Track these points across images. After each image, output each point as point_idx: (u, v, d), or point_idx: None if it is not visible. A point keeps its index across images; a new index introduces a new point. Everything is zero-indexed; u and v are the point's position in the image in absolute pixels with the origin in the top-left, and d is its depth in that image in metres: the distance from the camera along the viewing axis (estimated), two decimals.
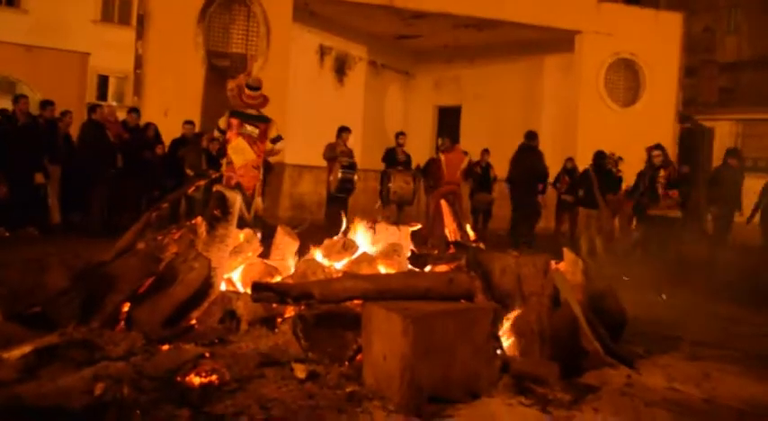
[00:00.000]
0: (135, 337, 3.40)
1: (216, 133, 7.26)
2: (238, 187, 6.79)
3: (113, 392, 2.70)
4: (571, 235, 10.54)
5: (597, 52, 14.16)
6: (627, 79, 14.60)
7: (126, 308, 3.72)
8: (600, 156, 10.38)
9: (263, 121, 7.17)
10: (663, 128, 13.81)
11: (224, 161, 7.11)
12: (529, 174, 10.28)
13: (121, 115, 10.78)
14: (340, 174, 10.05)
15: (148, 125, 10.27)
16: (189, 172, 9.88)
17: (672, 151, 12.83)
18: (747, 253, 10.05)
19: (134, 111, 10.54)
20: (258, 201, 7.15)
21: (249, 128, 7.02)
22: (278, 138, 7.30)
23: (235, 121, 7.04)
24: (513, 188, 10.51)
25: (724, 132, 19.99)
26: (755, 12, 25.17)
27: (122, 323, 3.67)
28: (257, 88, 7.23)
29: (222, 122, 7.13)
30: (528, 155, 10.29)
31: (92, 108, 10.04)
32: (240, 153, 7.02)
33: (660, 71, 14.43)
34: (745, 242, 10.59)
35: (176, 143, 10.36)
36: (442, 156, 10.27)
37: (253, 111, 7.15)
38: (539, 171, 10.46)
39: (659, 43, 14.41)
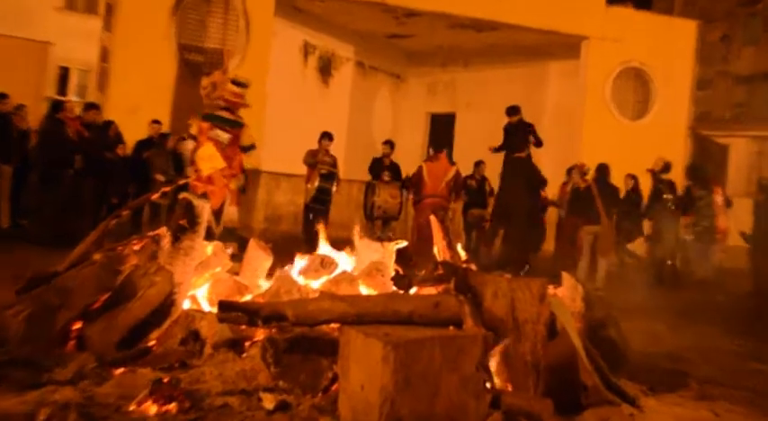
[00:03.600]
0: (86, 359, 3.37)
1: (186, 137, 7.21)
2: (205, 197, 6.74)
3: (59, 420, 2.65)
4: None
5: (604, 60, 14.29)
6: (636, 90, 14.73)
7: (77, 325, 3.67)
8: (603, 170, 10.48)
9: (236, 126, 7.08)
10: (673, 143, 13.93)
11: (191, 169, 7.05)
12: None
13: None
14: (317, 183, 10.05)
15: (109, 123, 10.21)
16: (158, 177, 9.84)
17: (682, 167, 12.91)
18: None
19: (94, 106, 10.46)
20: (231, 211, 7.07)
21: (219, 132, 6.95)
22: (250, 147, 7.20)
23: (205, 125, 6.97)
24: None
25: (740, 150, 20.20)
26: None
27: (73, 342, 3.63)
28: (244, 86, 7.16)
29: (194, 129, 7.07)
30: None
31: (55, 105, 9.98)
32: (208, 160, 6.95)
33: (672, 82, 14.58)
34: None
35: (141, 144, 10.31)
36: (425, 166, 10.19)
37: (226, 114, 7.07)
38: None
39: (671, 52, 14.58)
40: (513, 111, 10.78)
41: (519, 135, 10.52)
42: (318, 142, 10.57)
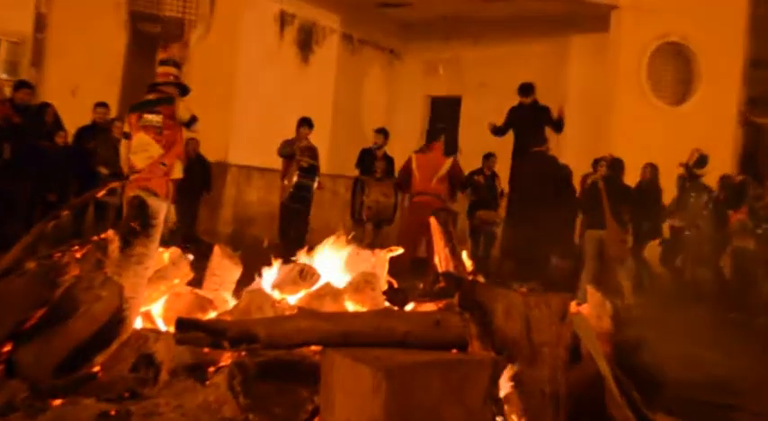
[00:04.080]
0: (16, 387, 3.36)
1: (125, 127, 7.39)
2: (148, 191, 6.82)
3: None
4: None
5: (639, 34, 14.32)
6: (677, 70, 14.75)
7: (7, 347, 3.67)
8: (616, 166, 10.54)
9: (163, 103, 7.17)
10: (721, 132, 13.96)
11: (126, 166, 7.14)
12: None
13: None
14: (295, 179, 10.05)
15: (45, 106, 10.19)
16: (102, 170, 9.83)
17: (731, 160, 12.95)
18: None
19: (26, 86, 10.42)
20: (170, 208, 7.15)
21: (149, 117, 7.05)
22: (192, 121, 7.34)
23: (133, 117, 7.11)
24: None
25: None
26: None
27: (1, 368, 3.62)
28: (167, 64, 7.27)
29: (126, 126, 7.21)
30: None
31: None
32: (142, 151, 7.05)
33: (719, 61, 14.60)
34: None
35: (84, 132, 10.29)
36: (414, 158, 10.03)
37: (151, 96, 7.18)
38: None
39: (719, 25, 14.59)
40: (527, 89, 10.80)
41: (531, 121, 10.50)
42: (296, 130, 10.58)
